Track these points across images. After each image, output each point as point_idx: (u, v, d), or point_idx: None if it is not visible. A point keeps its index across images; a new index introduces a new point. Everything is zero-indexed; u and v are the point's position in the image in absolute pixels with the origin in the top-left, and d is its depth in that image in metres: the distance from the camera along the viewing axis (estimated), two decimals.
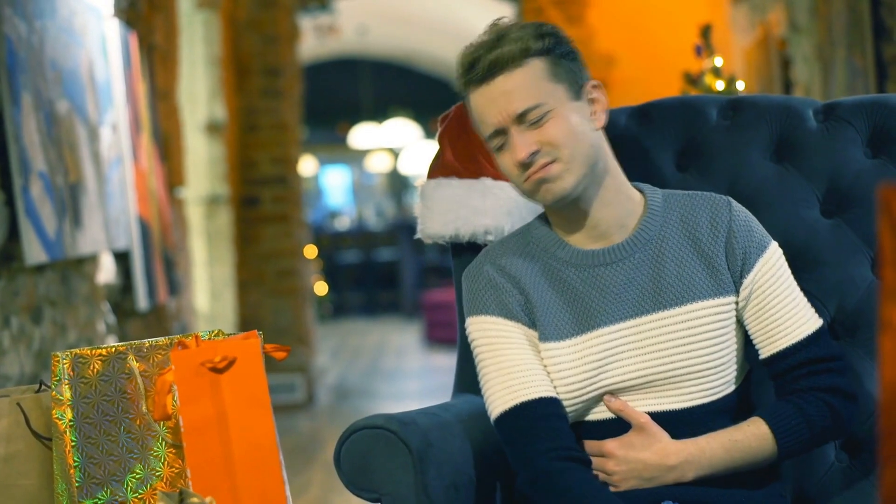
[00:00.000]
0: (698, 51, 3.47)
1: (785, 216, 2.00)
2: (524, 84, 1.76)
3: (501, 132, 1.78)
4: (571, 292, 1.82)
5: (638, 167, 2.09)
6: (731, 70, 5.05)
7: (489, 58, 1.76)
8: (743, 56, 6.22)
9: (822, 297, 1.97)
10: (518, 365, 1.79)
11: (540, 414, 1.76)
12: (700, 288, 1.80)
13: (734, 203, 1.86)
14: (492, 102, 1.77)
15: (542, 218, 1.88)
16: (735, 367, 1.82)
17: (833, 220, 2.01)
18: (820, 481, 1.96)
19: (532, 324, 1.81)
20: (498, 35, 1.78)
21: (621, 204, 1.83)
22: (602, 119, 1.81)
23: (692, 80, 3.46)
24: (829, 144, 2.02)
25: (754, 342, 1.83)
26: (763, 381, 1.87)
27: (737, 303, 1.82)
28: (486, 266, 1.85)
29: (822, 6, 4.58)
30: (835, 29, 4.39)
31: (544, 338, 1.80)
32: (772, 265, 1.82)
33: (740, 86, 3.38)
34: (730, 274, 1.81)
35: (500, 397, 1.79)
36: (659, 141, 2.10)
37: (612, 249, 1.82)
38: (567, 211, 1.82)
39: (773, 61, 5.56)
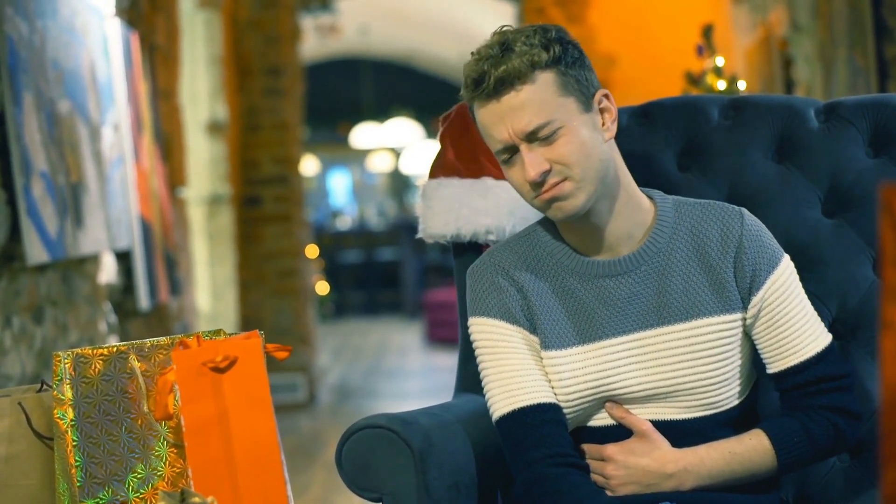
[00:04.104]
0: (700, 50, 3.47)
1: (786, 216, 2.00)
2: (533, 100, 1.69)
3: (510, 148, 1.72)
4: (575, 302, 1.80)
5: (639, 167, 2.09)
6: (733, 70, 5.05)
7: (496, 74, 1.68)
8: (744, 56, 6.21)
9: (824, 296, 1.97)
10: (518, 370, 1.77)
11: (538, 420, 1.75)
12: (705, 304, 1.77)
13: (747, 216, 1.81)
14: (500, 119, 1.71)
15: (549, 222, 1.84)
16: (739, 380, 1.80)
17: (834, 219, 2.00)
18: (821, 481, 1.95)
19: (533, 329, 1.79)
20: (504, 47, 1.70)
21: (631, 215, 1.79)
22: (612, 129, 1.76)
23: (693, 79, 3.46)
24: (831, 144, 2.02)
25: (762, 357, 1.80)
26: (770, 389, 1.86)
27: (744, 319, 1.78)
28: (491, 268, 1.83)
29: (824, 6, 4.58)
30: (836, 28, 4.39)
31: (546, 346, 1.78)
32: (782, 283, 1.78)
33: (742, 85, 3.38)
34: (738, 290, 1.78)
35: (499, 401, 1.78)
36: (660, 140, 2.10)
37: (618, 261, 1.79)
38: (576, 223, 1.78)
39: (774, 61, 5.55)
